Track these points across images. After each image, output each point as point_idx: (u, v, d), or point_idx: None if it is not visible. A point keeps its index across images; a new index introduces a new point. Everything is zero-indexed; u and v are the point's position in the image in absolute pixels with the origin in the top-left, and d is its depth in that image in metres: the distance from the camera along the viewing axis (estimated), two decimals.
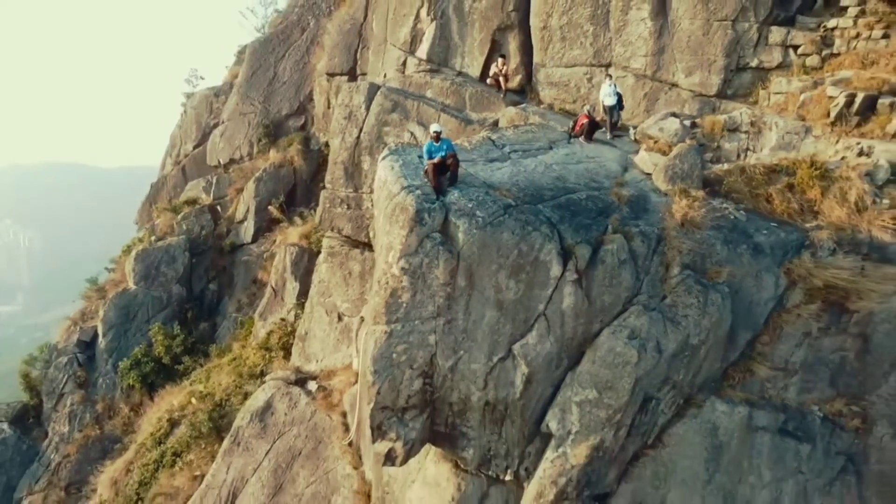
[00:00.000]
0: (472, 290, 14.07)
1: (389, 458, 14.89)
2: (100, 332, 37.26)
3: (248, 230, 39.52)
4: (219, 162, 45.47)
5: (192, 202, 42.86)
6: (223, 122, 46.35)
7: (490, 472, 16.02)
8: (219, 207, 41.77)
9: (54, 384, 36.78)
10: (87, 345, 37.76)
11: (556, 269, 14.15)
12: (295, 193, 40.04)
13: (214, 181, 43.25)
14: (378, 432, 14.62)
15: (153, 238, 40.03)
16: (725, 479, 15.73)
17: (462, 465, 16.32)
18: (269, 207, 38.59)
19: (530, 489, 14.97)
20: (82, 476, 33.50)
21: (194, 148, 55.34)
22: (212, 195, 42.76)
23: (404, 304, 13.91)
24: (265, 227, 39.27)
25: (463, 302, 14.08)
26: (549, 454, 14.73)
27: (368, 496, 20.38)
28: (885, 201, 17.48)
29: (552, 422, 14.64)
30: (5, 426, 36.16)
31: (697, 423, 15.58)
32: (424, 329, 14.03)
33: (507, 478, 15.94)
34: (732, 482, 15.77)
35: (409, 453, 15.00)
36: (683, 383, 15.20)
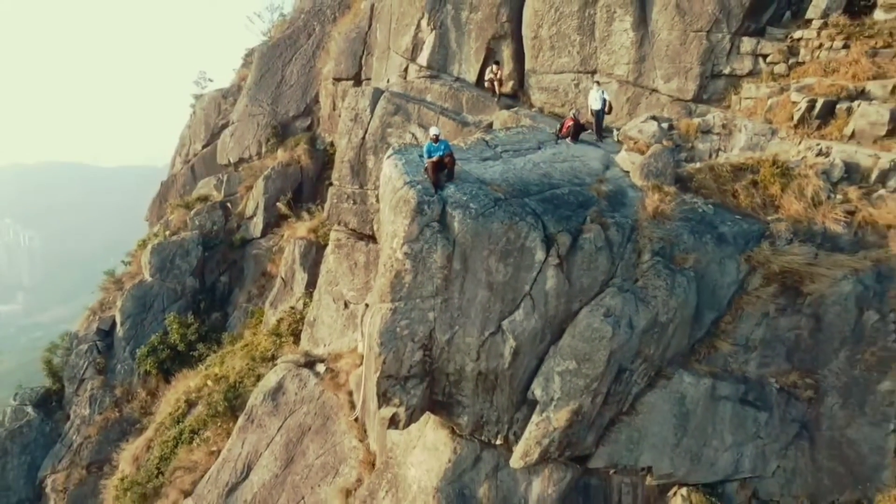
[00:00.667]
0: (467, 272, 15.80)
1: (394, 422, 16.63)
2: (118, 321, 38.97)
3: (257, 225, 41.21)
4: (229, 161, 47.14)
5: (203, 199, 44.54)
6: (233, 123, 47.99)
7: (483, 437, 17.76)
8: (229, 204, 43.42)
9: (75, 370, 38.49)
10: (106, 333, 39.45)
11: (540, 255, 15.88)
12: (302, 191, 41.67)
13: (225, 179, 44.87)
14: (384, 399, 16.34)
15: (167, 233, 41.74)
16: (692, 442, 17.46)
17: (458, 431, 18.04)
18: (278, 204, 40.25)
19: (518, 449, 16.73)
20: (102, 456, 35.19)
21: (203, 147, 57.00)
22: (223, 192, 44.40)
23: (407, 285, 15.64)
24: (273, 222, 40.96)
25: (458, 283, 15.80)
26: (535, 418, 16.47)
27: (373, 465, 22.03)
28: (839, 197, 19.24)
29: (537, 389, 16.38)
30: (29, 409, 37.87)
31: (667, 393, 17.31)
32: (424, 307, 15.76)
33: (498, 442, 17.68)
34: (698, 445, 17.50)
35: (411, 418, 16.73)
36: (654, 357, 16.92)
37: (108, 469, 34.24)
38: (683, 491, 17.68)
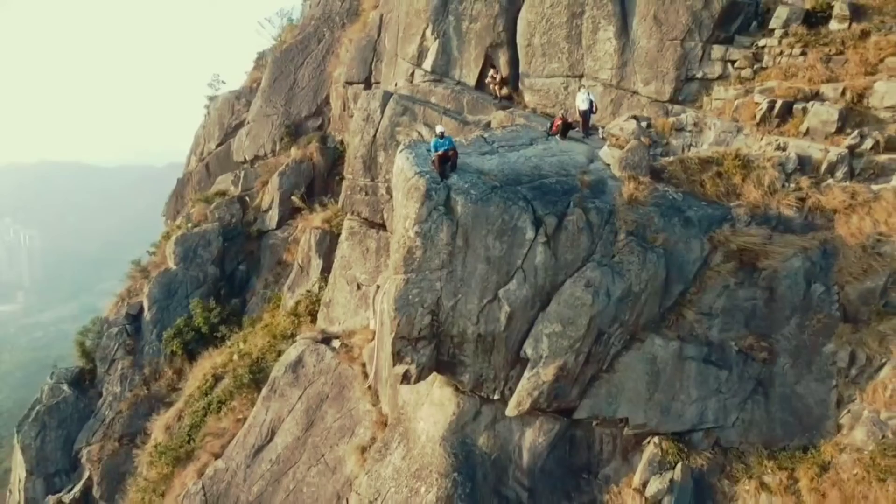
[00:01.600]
0: (468, 248, 18.24)
1: (406, 378, 19.09)
2: (145, 306, 41.46)
3: (272, 218, 43.65)
4: (245, 158, 49.52)
5: (222, 194, 47.00)
6: (248, 123, 50.36)
7: (482, 393, 20.17)
8: (247, 198, 45.84)
9: (106, 351, 40.98)
10: (134, 318, 41.92)
11: (530, 234, 18.32)
12: (314, 185, 44.04)
13: (242, 175, 47.28)
14: (398, 357, 18.80)
15: (190, 225, 44.17)
16: (663, 397, 19.85)
17: (460, 388, 20.45)
18: (292, 198, 42.67)
19: (512, 400, 19.20)
20: (133, 429, 37.63)
21: (217, 146, 59.31)
22: (240, 187, 46.83)
23: (417, 259, 18.09)
24: (288, 215, 43.37)
25: (461, 257, 18.24)
26: (527, 374, 18.92)
27: (385, 425, 24.37)
28: (792, 185, 21.71)
29: (528, 349, 18.82)
30: (65, 387, 40.36)
31: (640, 354, 19.73)
32: (432, 278, 18.21)
33: (496, 397, 20.09)
34: (668, 400, 19.90)
35: (420, 375, 19.18)
36: (629, 322, 19.35)
37: (138, 441, 36.68)
38: (656, 439, 20.07)
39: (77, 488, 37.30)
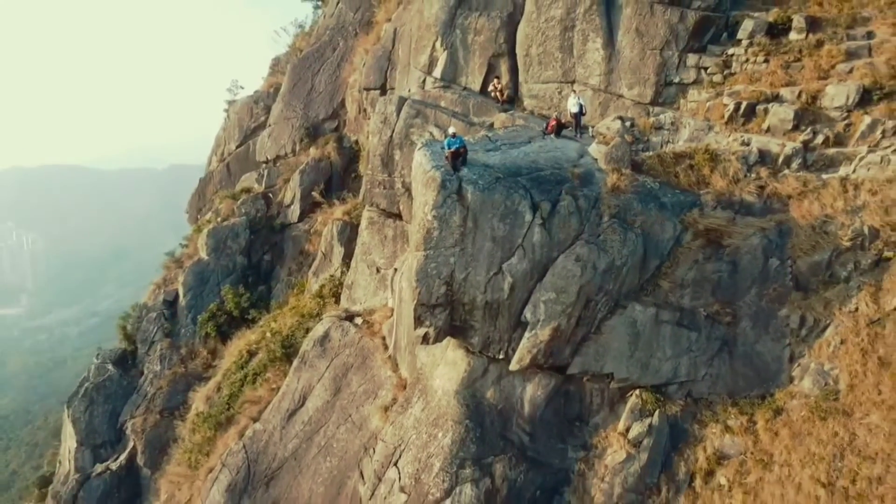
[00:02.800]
0: (477, 229, 21.30)
1: (425, 339, 22.19)
2: (180, 293, 44.61)
3: (294, 212, 46.76)
4: (267, 158, 52.55)
5: (247, 190, 50.11)
6: (269, 126, 53.40)
7: (489, 354, 23.19)
8: (270, 194, 48.94)
9: (146, 334, 44.15)
10: (170, 303, 45.08)
11: (528, 217, 21.39)
12: (332, 182, 47.11)
13: (265, 173, 50.39)
14: (418, 321, 21.88)
15: (219, 219, 47.31)
16: (642, 354, 22.88)
17: (470, 350, 23.47)
18: (312, 193, 45.76)
19: (514, 357, 22.28)
20: (173, 403, 40.72)
21: (237, 147, 62.39)
22: (263, 185, 49.94)
23: (435, 238, 21.16)
24: (308, 209, 46.47)
25: (471, 237, 21.30)
26: (527, 335, 22.00)
27: (404, 387, 27.40)
28: (753, 175, 24.74)
29: (528, 314, 21.90)
30: (110, 366, 43.50)
31: (623, 318, 22.77)
32: (447, 254, 21.28)
33: (501, 356, 23.11)
34: (647, 357, 22.92)
35: (437, 337, 22.27)
36: (613, 291, 22.42)
37: (177, 413, 39.87)
38: (637, 392, 23.10)
39: (122, 457, 40.43)
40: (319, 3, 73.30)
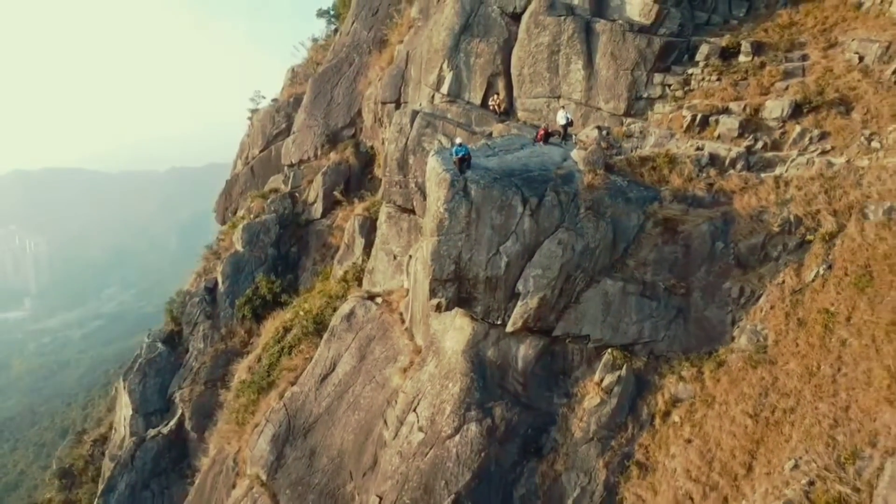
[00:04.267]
0: (479, 219, 25.91)
1: (438, 308, 26.83)
2: (219, 281, 49.28)
3: (317, 209, 51.35)
4: (291, 161, 57.04)
5: (275, 191, 54.77)
6: (293, 133, 57.93)
7: (489, 320, 27.69)
8: (296, 194, 53.50)
9: (190, 316, 48.86)
10: (210, 290, 49.73)
11: (520, 209, 26.01)
12: (350, 182, 51.62)
13: (291, 175, 54.97)
14: (433, 294, 26.49)
15: (251, 216, 51.98)
16: (613, 320, 27.34)
17: (474, 317, 28.02)
18: (333, 193, 50.33)
19: (510, 321, 26.88)
20: (215, 376, 45.45)
21: (260, 152, 67.10)
22: (289, 185, 54.53)
23: (445, 226, 25.77)
24: (330, 206, 51.01)
25: (474, 225, 25.90)
26: (519, 303, 26.61)
27: (418, 353, 31.94)
28: (704, 175, 29.31)
29: (520, 286, 26.50)
30: (159, 345, 48.30)
31: (597, 290, 27.29)
32: (456, 239, 25.90)
33: (499, 322, 27.63)
34: (617, 321, 27.34)
35: (448, 306, 26.87)
36: (588, 268, 27.01)
37: (219, 384, 44.59)
38: (609, 350, 27.54)
39: (172, 423, 45.24)
40: (334, 20, 78.20)
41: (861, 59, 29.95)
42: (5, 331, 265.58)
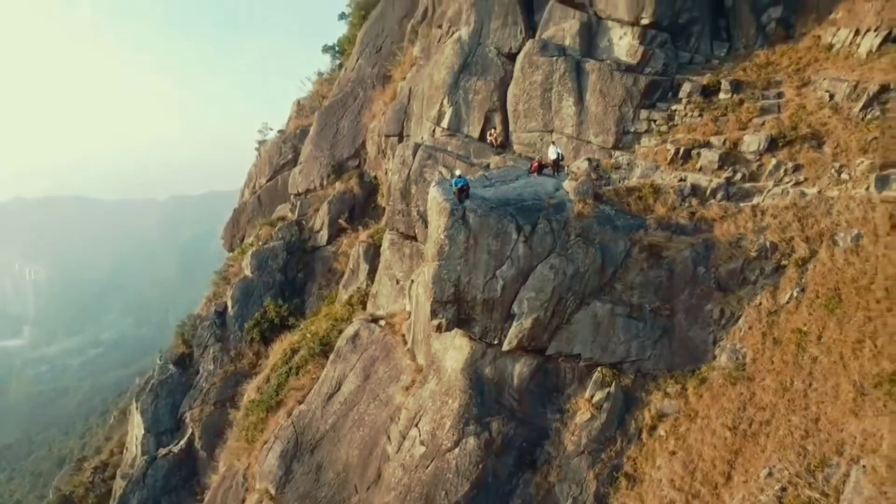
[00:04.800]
0: (477, 245, 27.63)
1: (439, 328, 28.42)
2: (228, 305, 50.83)
3: (323, 236, 53.08)
4: (298, 191, 58.99)
5: (282, 219, 56.55)
6: (300, 164, 59.98)
7: (487, 340, 29.22)
8: (302, 222, 55.28)
9: (201, 339, 50.33)
10: (220, 314, 51.22)
11: (514, 235, 27.73)
12: (354, 211, 53.45)
13: (298, 204, 56.81)
14: (433, 315, 28.08)
15: (260, 243, 53.76)
16: (602, 339, 28.88)
17: (472, 337, 29.57)
18: (339, 220, 52.17)
19: (505, 342, 28.48)
20: (224, 396, 46.74)
21: (267, 181, 69.04)
22: (296, 213, 56.33)
23: (446, 252, 27.48)
24: (335, 234, 52.76)
25: (472, 251, 27.61)
26: (514, 324, 28.20)
27: (419, 372, 33.43)
28: (686, 204, 31.10)
29: (515, 308, 28.13)
30: (171, 366, 49.72)
31: (587, 312, 28.87)
32: (455, 263, 27.58)
33: (496, 342, 29.19)
34: (605, 341, 28.89)
35: (448, 327, 28.45)
36: (579, 291, 28.65)
37: (228, 405, 45.92)
38: (599, 368, 29.10)
39: (182, 442, 46.45)
40: (339, 55, 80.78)
41: (832, 96, 31.78)
42: (3, 358, 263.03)
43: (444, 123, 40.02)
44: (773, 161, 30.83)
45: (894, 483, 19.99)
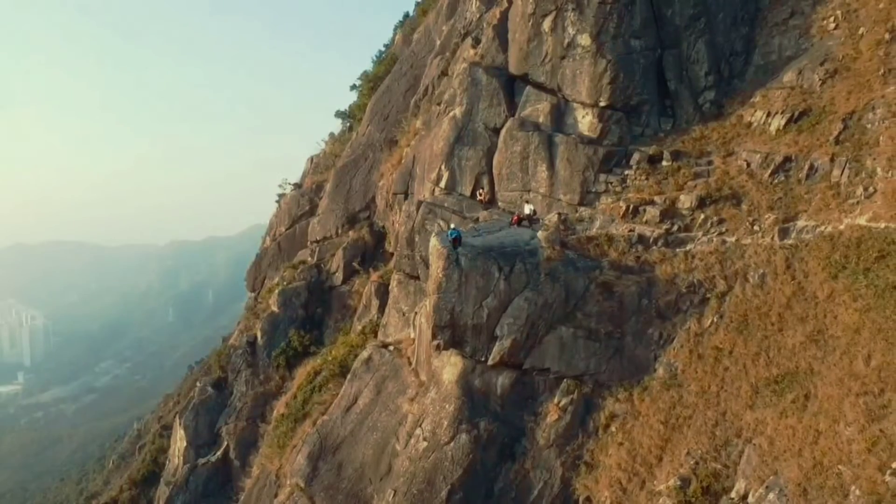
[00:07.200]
0: (467, 282, 33.94)
1: (438, 348, 34.62)
2: (258, 336, 56.80)
3: (339, 277, 59.25)
4: (317, 238, 65.45)
5: (303, 262, 63.00)
6: (318, 215, 66.62)
7: (476, 357, 35.13)
8: (321, 265, 61.67)
9: (235, 365, 56.20)
10: (251, 343, 57.18)
11: (496, 274, 34.09)
12: (366, 256, 59.83)
13: (317, 249, 63.25)
14: (433, 337, 34.29)
15: (285, 283, 60.08)
16: (567, 356, 34.41)
17: (464, 355, 35.40)
18: (353, 264, 58.55)
19: (490, 358, 34.58)
20: (255, 414, 52.27)
21: (286, 230, 75.58)
22: (315, 258, 62.75)
23: (443, 286, 33.78)
24: (349, 275, 58.86)
25: (464, 287, 33.89)
26: (497, 344, 34.32)
27: (422, 386, 39.27)
28: (633, 250, 37.51)
29: (498, 331, 34.23)
30: (209, 388, 55.50)
31: (555, 335, 34.73)
32: (451, 296, 33.86)
33: (483, 359, 35.13)
34: (569, 358, 34.47)
35: (445, 346, 34.63)
36: (548, 318, 34.77)
37: (258, 421, 51.57)
38: (565, 380, 34.98)
39: (219, 453, 51.93)
40: (349, 119, 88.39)
41: (748, 164, 38.47)
42: None
43: (442, 184, 46.69)
44: (702, 216, 37.24)
45: (773, 455, 26.08)
